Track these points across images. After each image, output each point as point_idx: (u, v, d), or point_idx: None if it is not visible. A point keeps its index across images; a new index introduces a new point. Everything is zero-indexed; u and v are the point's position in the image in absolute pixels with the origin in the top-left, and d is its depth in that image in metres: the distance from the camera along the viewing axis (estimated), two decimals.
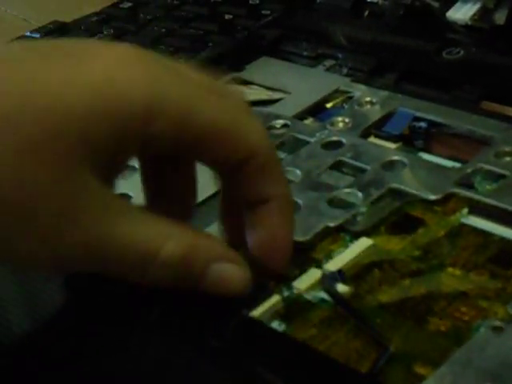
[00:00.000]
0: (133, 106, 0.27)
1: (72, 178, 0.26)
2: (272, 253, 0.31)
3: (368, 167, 0.38)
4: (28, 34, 0.57)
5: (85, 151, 0.26)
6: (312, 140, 0.40)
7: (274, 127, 0.42)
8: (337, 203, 0.36)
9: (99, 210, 0.27)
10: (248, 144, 0.29)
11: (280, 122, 0.42)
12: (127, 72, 0.27)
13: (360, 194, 0.36)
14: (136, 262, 0.28)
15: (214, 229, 0.33)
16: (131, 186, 0.35)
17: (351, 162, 0.38)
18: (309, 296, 0.32)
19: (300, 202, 0.36)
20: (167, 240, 0.28)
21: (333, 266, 0.33)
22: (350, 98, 0.44)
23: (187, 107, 0.28)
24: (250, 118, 0.30)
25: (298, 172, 0.38)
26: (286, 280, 0.32)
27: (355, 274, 0.32)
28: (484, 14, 0.48)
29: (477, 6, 0.48)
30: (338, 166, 0.38)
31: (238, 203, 0.31)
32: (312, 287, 0.32)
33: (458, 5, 0.49)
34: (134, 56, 0.28)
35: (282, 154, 0.40)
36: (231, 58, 0.49)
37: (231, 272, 0.30)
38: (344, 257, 0.33)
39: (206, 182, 0.32)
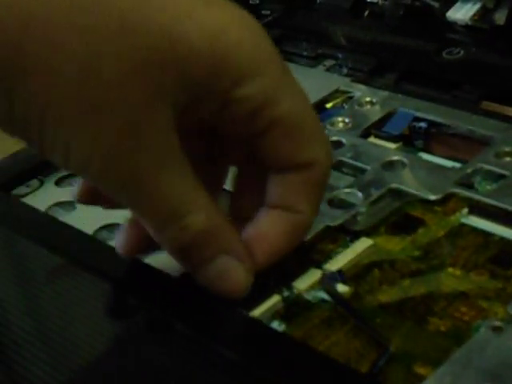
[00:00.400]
0: (230, 68, 0.28)
1: (150, 111, 0.27)
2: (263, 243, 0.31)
3: (368, 167, 0.38)
4: None
5: (173, 89, 0.27)
6: None
7: None
8: (337, 203, 0.36)
9: (159, 149, 0.28)
10: (311, 154, 0.30)
11: None
12: (241, 33, 0.28)
13: (360, 194, 0.36)
14: (162, 213, 0.28)
15: None
16: None
17: (351, 162, 0.38)
18: (309, 296, 0.32)
19: None
20: (199, 210, 0.29)
21: (333, 266, 0.33)
22: (350, 98, 0.44)
23: (273, 90, 0.29)
24: (319, 130, 0.31)
25: None
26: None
27: (355, 273, 0.32)
28: (484, 14, 0.48)
29: (477, 6, 0.48)
30: (338, 166, 0.39)
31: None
32: (312, 287, 0.32)
33: (458, 5, 0.49)
34: (250, 23, 0.29)
35: None
36: None
37: (237, 271, 0.30)
38: (344, 257, 0.33)
39: None
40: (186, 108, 0.28)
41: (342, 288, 0.32)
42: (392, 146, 0.40)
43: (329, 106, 0.44)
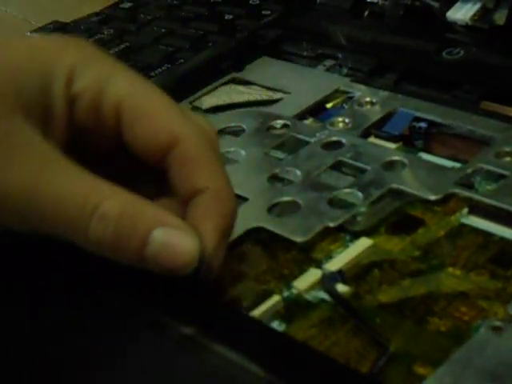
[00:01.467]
0: (59, 68, 0.30)
1: (7, 124, 0.28)
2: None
3: (368, 167, 0.38)
4: (28, 34, 0.57)
5: (17, 100, 0.29)
6: (312, 140, 0.40)
7: (274, 127, 0.42)
8: (337, 203, 0.36)
9: (35, 157, 0.28)
10: (169, 128, 0.30)
11: (280, 122, 0.42)
12: (58, 44, 0.31)
13: (360, 195, 0.36)
14: (74, 216, 0.28)
15: None
16: None
17: (351, 162, 0.38)
18: (309, 296, 0.32)
19: (300, 202, 0.36)
20: (106, 197, 0.28)
21: (333, 266, 0.33)
22: (350, 98, 0.44)
23: (107, 76, 0.30)
24: (176, 108, 0.31)
25: (298, 172, 0.38)
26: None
27: (355, 274, 0.32)
28: (484, 14, 0.48)
29: (477, 6, 0.48)
30: (338, 167, 0.39)
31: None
32: (312, 287, 0.32)
33: (457, 5, 0.49)
34: (68, 38, 0.33)
35: (281, 155, 0.40)
36: (231, 58, 0.49)
37: (177, 239, 0.28)
38: (344, 257, 0.33)
39: None
40: (46, 108, 0.30)
41: (342, 288, 0.32)
42: (392, 146, 0.40)
43: (329, 106, 0.44)
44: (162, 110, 0.30)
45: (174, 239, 0.28)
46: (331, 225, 0.34)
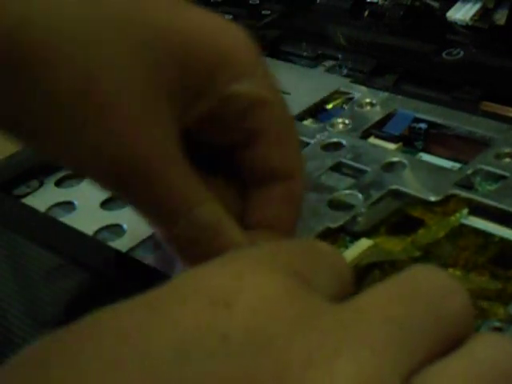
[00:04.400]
0: (232, 62, 0.29)
1: (155, 95, 0.27)
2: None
3: (368, 169, 0.38)
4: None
5: (177, 82, 0.28)
6: (312, 141, 0.40)
7: None
8: (337, 205, 0.36)
9: (162, 140, 0.28)
10: (293, 164, 0.30)
11: None
12: (237, 35, 0.30)
13: (360, 196, 0.36)
14: (173, 206, 0.28)
15: None
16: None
17: (351, 163, 0.38)
18: None
19: None
20: (206, 202, 0.29)
21: None
22: (350, 99, 0.44)
23: (267, 96, 0.30)
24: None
25: None
26: None
27: (355, 274, 0.32)
28: (484, 14, 0.48)
29: (477, 6, 0.48)
30: (338, 168, 0.39)
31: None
32: None
33: (458, 5, 0.49)
34: (239, 27, 0.30)
35: None
36: None
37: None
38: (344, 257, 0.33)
39: None
40: (186, 107, 0.29)
41: None
42: (392, 146, 0.40)
43: (329, 106, 0.44)
44: (295, 143, 0.30)
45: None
46: (332, 226, 0.34)
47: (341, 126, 0.41)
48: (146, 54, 0.27)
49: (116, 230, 0.36)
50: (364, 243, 0.34)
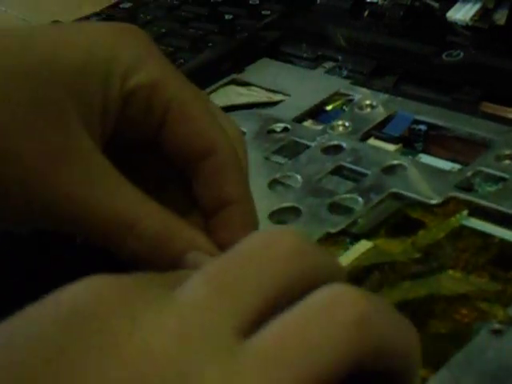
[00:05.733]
0: (117, 66, 0.30)
1: (63, 126, 0.28)
2: None
3: (368, 172, 0.38)
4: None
5: (77, 106, 0.29)
6: (312, 144, 0.40)
7: (274, 131, 0.42)
8: (337, 209, 0.36)
9: (84, 165, 0.28)
10: (209, 135, 0.30)
11: (280, 125, 0.42)
12: (117, 37, 0.30)
13: (360, 200, 0.36)
14: (113, 229, 0.28)
15: None
16: None
17: (351, 166, 0.38)
18: None
19: (301, 208, 0.36)
20: (149, 215, 0.29)
21: None
22: (350, 100, 0.44)
23: (159, 75, 0.30)
24: (220, 115, 0.31)
25: (299, 177, 0.38)
26: None
27: (355, 276, 0.32)
28: (484, 14, 0.48)
29: (477, 7, 0.48)
30: (338, 171, 0.39)
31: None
32: None
33: (458, 5, 0.49)
34: (124, 26, 0.31)
35: (282, 159, 0.40)
36: (231, 60, 0.49)
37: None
38: (344, 259, 0.33)
39: None
40: (103, 113, 0.29)
41: None
42: (392, 148, 0.40)
43: (329, 108, 0.44)
44: (206, 115, 0.30)
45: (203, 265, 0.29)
46: (332, 231, 0.34)
47: (341, 128, 0.41)
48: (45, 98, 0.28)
49: None
50: (364, 245, 0.34)
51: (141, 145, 0.32)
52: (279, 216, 0.36)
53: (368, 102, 0.43)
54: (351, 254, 0.34)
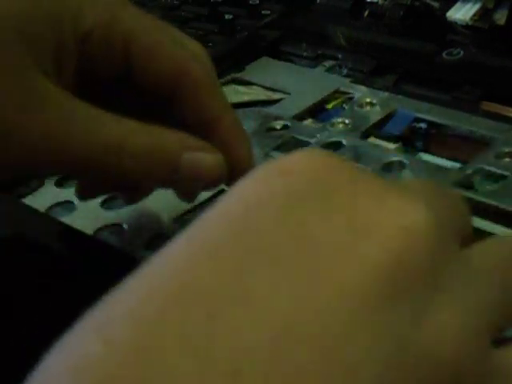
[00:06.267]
0: (65, 7, 0.30)
1: (21, 76, 0.28)
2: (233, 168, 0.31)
3: (368, 169, 0.38)
4: None
5: (27, 49, 0.29)
6: (312, 141, 0.40)
7: (273, 128, 0.42)
8: None
9: (54, 108, 0.28)
10: (178, 57, 0.31)
11: (280, 122, 0.42)
12: None
13: None
14: (101, 155, 0.29)
15: None
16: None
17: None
18: None
19: None
20: (130, 133, 0.29)
21: None
22: (350, 98, 0.44)
23: (113, 11, 0.31)
24: (180, 35, 0.32)
25: None
26: None
27: None
28: (484, 13, 0.48)
29: (477, 6, 0.48)
30: None
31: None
32: None
33: (458, 5, 0.49)
34: None
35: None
36: (231, 59, 0.49)
37: (205, 159, 0.30)
38: None
39: None
40: (57, 51, 0.30)
41: None
42: (392, 146, 0.40)
43: (329, 106, 0.44)
44: (169, 42, 0.31)
45: (201, 160, 0.30)
46: None
47: (341, 125, 0.41)
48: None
49: (116, 229, 0.36)
50: None
51: (114, 79, 0.32)
52: None
53: (368, 100, 0.43)
54: None
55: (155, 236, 0.35)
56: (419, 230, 0.19)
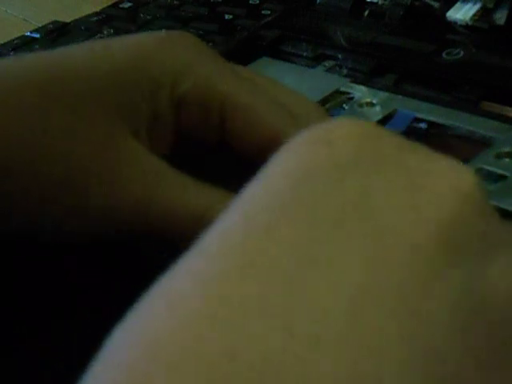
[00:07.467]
0: (164, 73, 0.29)
1: (111, 139, 0.28)
2: None
3: None
4: (28, 34, 0.57)
5: (121, 113, 0.28)
6: None
7: None
8: None
9: (144, 173, 0.28)
10: (272, 123, 0.30)
11: None
12: (160, 45, 0.30)
13: None
14: (186, 224, 0.28)
15: None
16: None
17: None
18: None
19: None
20: (215, 203, 0.29)
21: None
22: (350, 98, 0.44)
23: (210, 74, 0.30)
24: (285, 92, 0.32)
25: None
26: None
27: None
28: (484, 13, 0.48)
29: (477, 6, 0.48)
30: None
31: None
32: None
33: (458, 5, 0.49)
34: (170, 34, 0.31)
35: None
36: (231, 59, 0.49)
37: None
38: None
39: None
40: (153, 118, 0.30)
41: None
42: None
43: (329, 106, 0.44)
44: (265, 106, 0.30)
45: None
46: None
47: None
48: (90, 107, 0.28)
49: None
50: None
51: (208, 144, 0.31)
52: None
53: (368, 100, 0.43)
54: None
55: None
56: (472, 189, 0.20)
